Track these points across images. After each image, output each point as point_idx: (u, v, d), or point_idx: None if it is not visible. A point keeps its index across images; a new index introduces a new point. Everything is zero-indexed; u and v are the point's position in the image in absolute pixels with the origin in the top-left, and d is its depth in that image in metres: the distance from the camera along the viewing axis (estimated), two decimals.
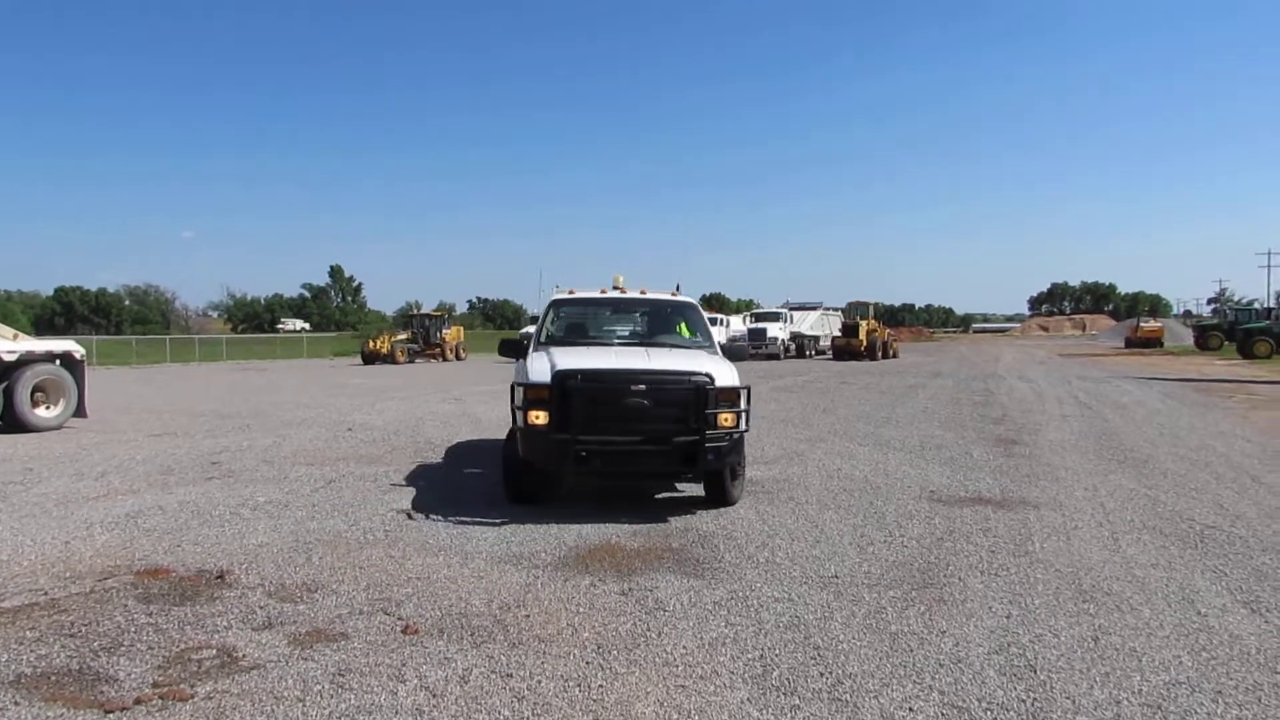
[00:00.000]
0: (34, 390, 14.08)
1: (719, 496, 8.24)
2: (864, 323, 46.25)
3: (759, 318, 49.04)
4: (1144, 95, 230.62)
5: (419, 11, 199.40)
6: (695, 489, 8.54)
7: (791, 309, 50.73)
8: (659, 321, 10.34)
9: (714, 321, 42.04)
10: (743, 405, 7.96)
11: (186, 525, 7.34)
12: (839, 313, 57.59)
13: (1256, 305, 70.24)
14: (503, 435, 9.05)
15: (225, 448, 12.16)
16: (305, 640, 4.70)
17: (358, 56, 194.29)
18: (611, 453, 7.71)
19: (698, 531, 7.13)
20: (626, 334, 10.21)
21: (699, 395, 7.68)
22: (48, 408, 14.36)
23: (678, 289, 10.81)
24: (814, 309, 52.94)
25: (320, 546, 6.68)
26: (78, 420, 14.83)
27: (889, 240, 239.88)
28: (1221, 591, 5.53)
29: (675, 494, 8.72)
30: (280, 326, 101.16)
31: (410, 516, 7.71)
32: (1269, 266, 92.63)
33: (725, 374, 8.07)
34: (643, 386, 7.67)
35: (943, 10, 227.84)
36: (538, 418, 7.69)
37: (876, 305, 52.57)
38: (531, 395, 7.77)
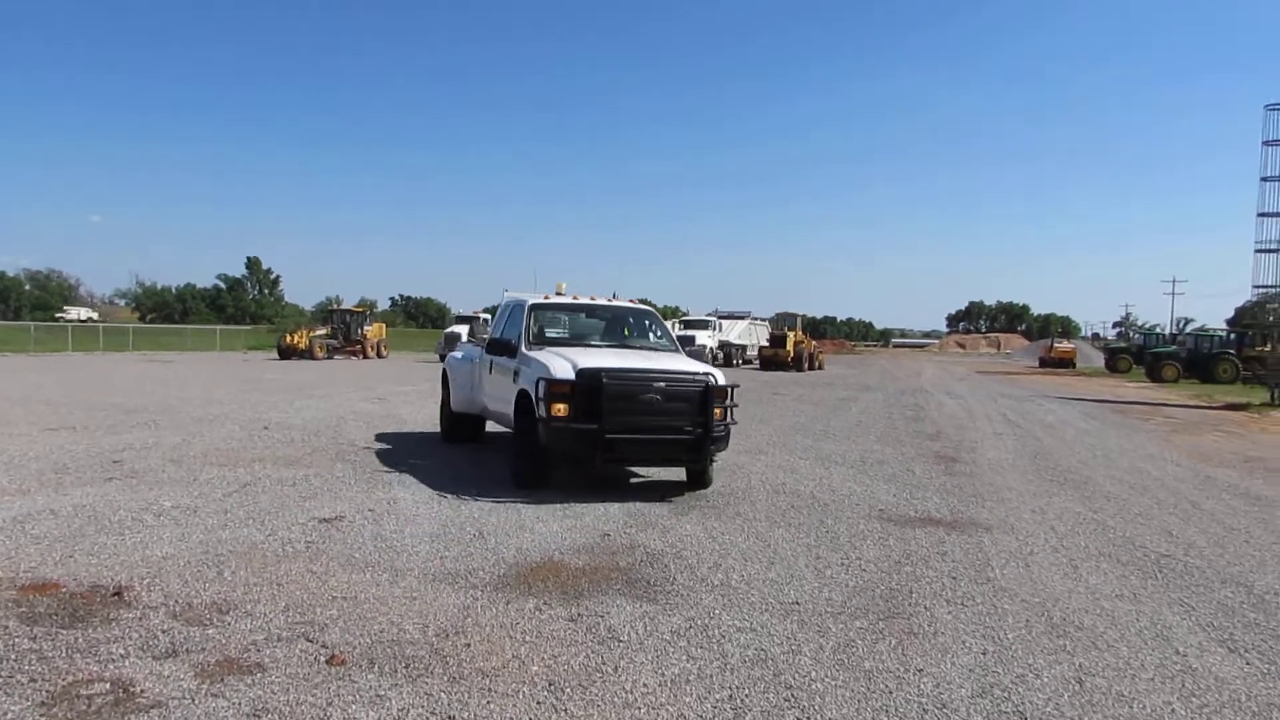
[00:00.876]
0: None
1: (700, 480, 9.34)
2: (791, 334, 46.51)
3: (688, 325, 48.88)
4: (1061, 124, 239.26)
5: (357, 2, 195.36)
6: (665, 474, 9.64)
7: (720, 317, 50.68)
8: (628, 326, 11.40)
9: (704, 325, 41.98)
10: (731, 402, 9.17)
11: (81, 532, 6.63)
12: (766, 323, 58.00)
13: (1158, 330, 72.96)
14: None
15: (129, 445, 11.30)
16: (215, 672, 4.14)
17: (285, 39, 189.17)
18: (633, 441, 8.68)
19: (645, 550, 6.72)
20: (601, 337, 11.04)
21: (706, 393, 8.82)
22: None
23: (614, 296, 11.99)
24: (742, 318, 53.06)
25: (233, 559, 6.07)
26: None
27: (809, 255, 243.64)
28: (1194, 628, 5.34)
29: (643, 479, 8.34)
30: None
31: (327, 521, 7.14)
32: (1173, 294, 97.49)
33: (718, 375, 9.32)
34: (662, 384, 8.77)
35: (873, 30, 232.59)
36: (560, 410, 8.54)
37: (803, 317, 52.98)
38: (555, 390, 8.60)
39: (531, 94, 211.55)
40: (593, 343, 10.69)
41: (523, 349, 9.90)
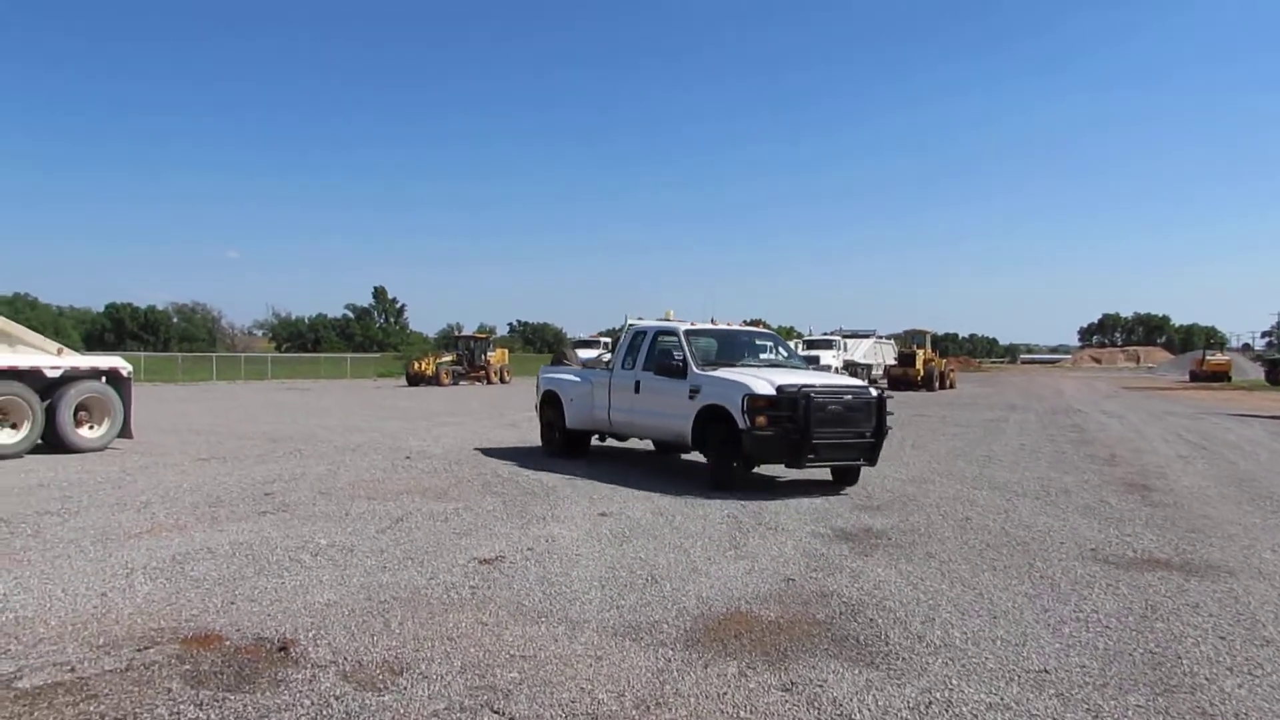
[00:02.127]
0: (78, 409, 13.27)
1: (850, 479, 10.87)
2: (920, 352, 44.83)
3: (811, 345, 47.51)
4: (1195, 124, 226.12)
5: (464, 37, 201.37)
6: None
7: (844, 336, 49.20)
8: (762, 347, 12.81)
9: (828, 345, 41.04)
10: (889, 411, 10.78)
11: (240, 574, 6.31)
12: (891, 341, 56.13)
13: None
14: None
15: (277, 476, 11.19)
16: None
17: (402, 82, 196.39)
18: (829, 445, 10.15)
19: (841, 599, 5.96)
20: (745, 357, 12.14)
21: (881, 403, 10.64)
22: (91, 427, 13.54)
23: (713, 320, 13.44)
24: (867, 337, 51.40)
25: (398, 607, 5.60)
26: (122, 441, 14.00)
27: (928, 269, 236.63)
28: None
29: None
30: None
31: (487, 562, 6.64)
32: None
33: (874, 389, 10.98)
34: (848, 397, 10.44)
35: (979, 39, 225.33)
36: (761, 421, 9.99)
37: (932, 334, 50.98)
38: (758, 404, 10.01)
39: (627, 119, 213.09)
40: (747, 363, 11.84)
41: (694, 369, 11.22)
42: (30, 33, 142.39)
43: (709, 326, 12.76)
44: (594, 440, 14.03)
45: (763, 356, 12.45)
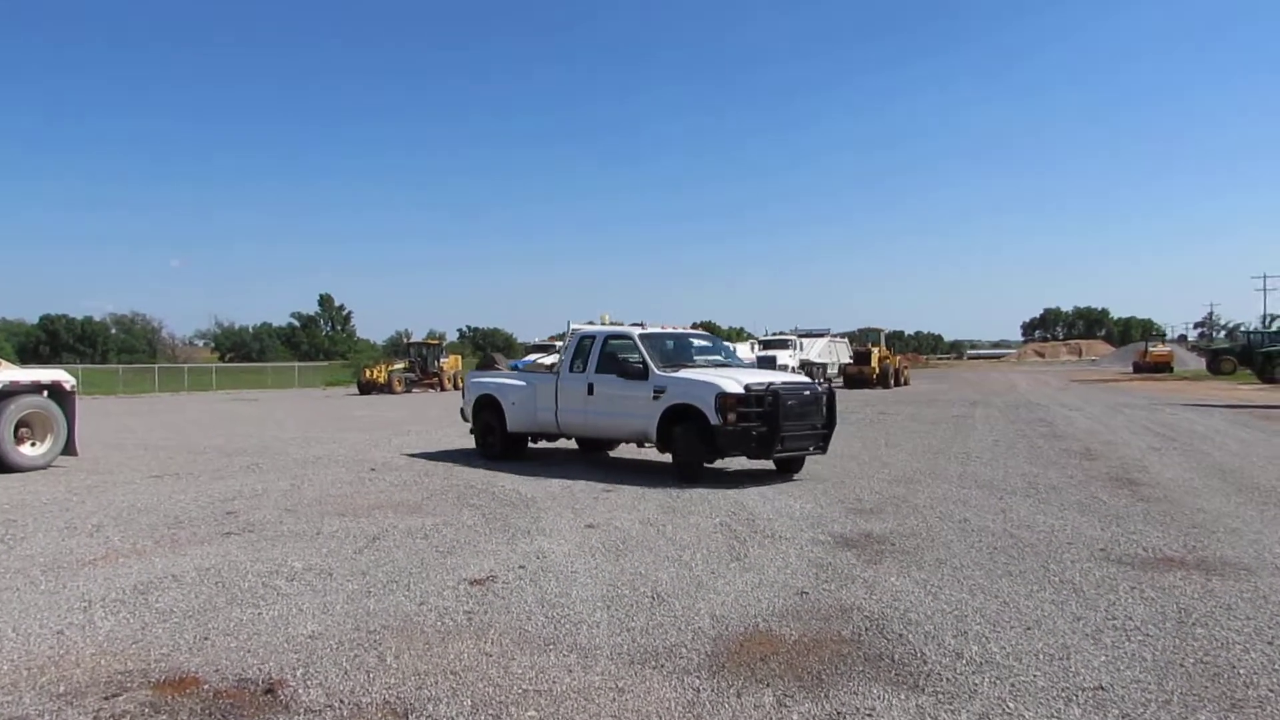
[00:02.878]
0: (18, 425, 12.48)
1: (795, 467, 11.91)
2: (875, 349, 45.08)
3: (767, 345, 47.54)
4: (1128, 121, 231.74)
5: (416, 40, 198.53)
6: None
7: (800, 336, 49.32)
8: (709, 349, 13.70)
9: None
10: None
11: (211, 604, 5.78)
12: (844, 340, 56.43)
13: (1251, 329, 69.01)
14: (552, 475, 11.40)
15: (237, 492, 10.58)
16: None
17: (349, 85, 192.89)
18: (794, 436, 11.16)
19: (862, 613, 5.62)
20: (693, 358, 12.88)
21: (831, 397, 11.90)
22: (34, 444, 12.76)
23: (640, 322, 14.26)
24: (821, 336, 51.63)
25: (390, 638, 5.13)
26: (66, 459, 13.23)
27: (870, 269, 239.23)
28: None
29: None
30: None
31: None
32: (1265, 289, 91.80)
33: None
34: (806, 393, 11.53)
35: (918, 42, 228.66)
36: (732, 418, 10.74)
37: (885, 332, 51.32)
38: (730, 402, 10.76)
39: (577, 122, 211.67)
40: (696, 364, 12.62)
41: (656, 371, 11.83)
42: None
43: (659, 330, 13.39)
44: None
45: (706, 358, 13.14)
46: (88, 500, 10.08)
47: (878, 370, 43.38)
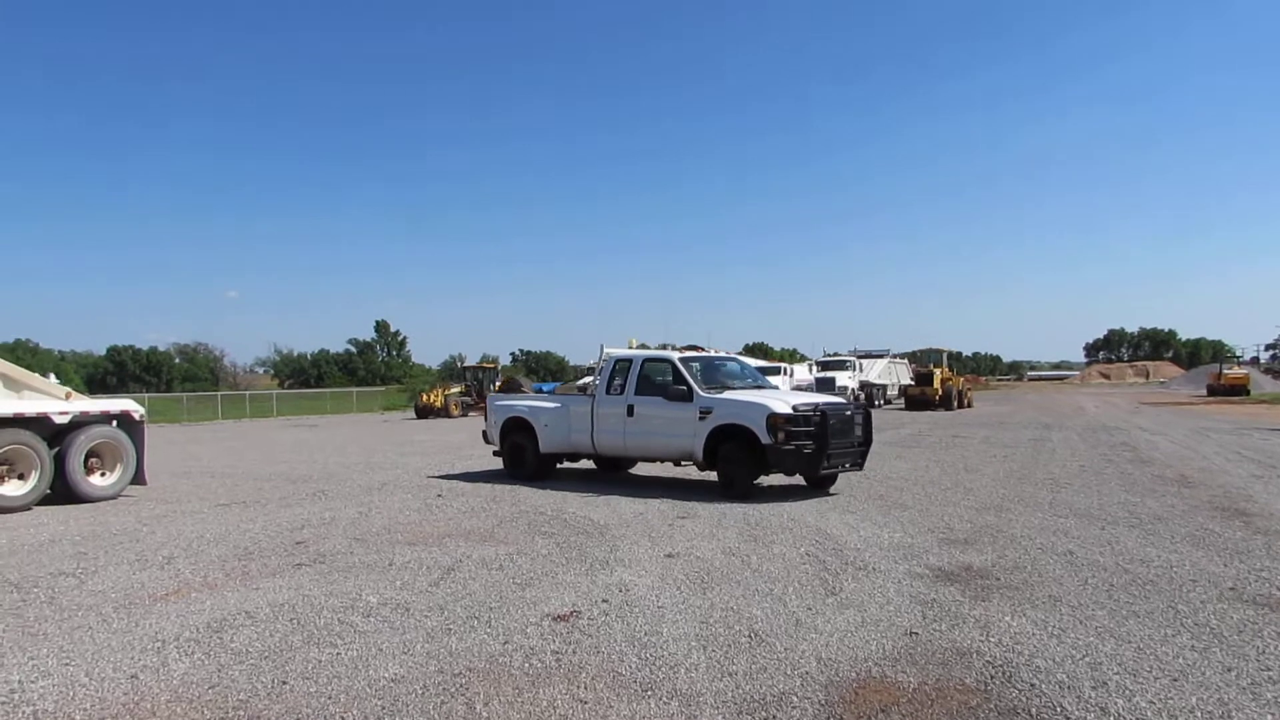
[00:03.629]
0: (88, 455, 12.50)
1: (828, 483, 12.53)
2: (938, 371, 44.03)
3: (826, 366, 46.94)
4: (1198, 138, 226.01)
5: (463, 73, 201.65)
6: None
7: (859, 357, 48.49)
8: (739, 372, 14.24)
9: (776, 371, 40.20)
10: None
11: (287, 644, 5.51)
12: (904, 361, 55.46)
13: None
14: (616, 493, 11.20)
15: (306, 521, 10.40)
16: None
17: (394, 115, 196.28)
18: (837, 454, 11.82)
19: (982, 657, 5.16)
20: (727, 380, 13.41)
21: (868, 416, 12.75)
22: (103, 474, 12.78)
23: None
24: (881, 356, 50.79)
25: (477, 681, 4.81)
26: (135, 488, 13.23)
27: (928, 288, 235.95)
28: None
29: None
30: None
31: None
32: None
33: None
34: (847, 413, 12.25)
35: (984, 54, 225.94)
36: (782, 437, 11.34)
37: (949, 353, 50.21)
38: (780, 422, 11.37)
39: (629, 147, 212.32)
40: (734, 384, 13.20)
41: (700, 393, 12.36)
42: (19, 79, 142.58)
43: (694, 354, 14.36)
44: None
45: (740, 381, 13.60)
46: (158, 530, 9.97)
47: (940, 392, 42.29)
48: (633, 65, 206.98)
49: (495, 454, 15.03)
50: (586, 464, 15.35)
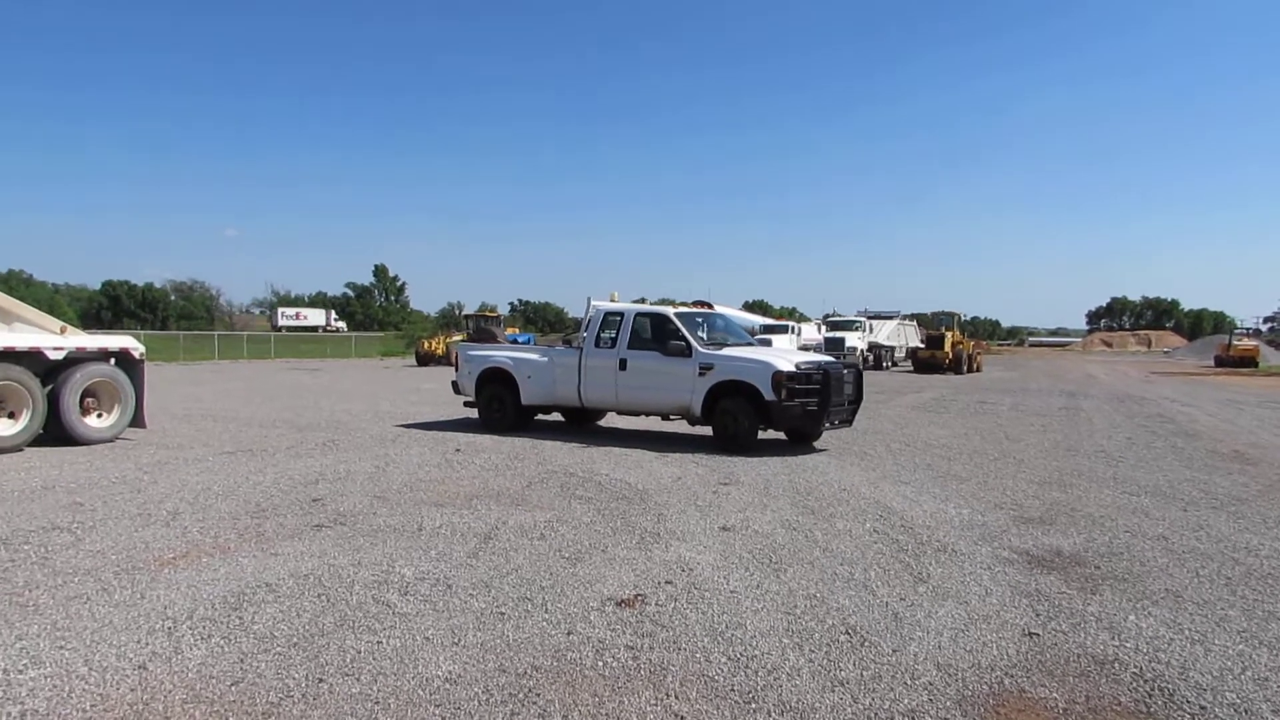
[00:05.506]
0: (84, 395, 11.70)
1: (813, 439, 12.77)
2: (949, 334, 43.13)
3: (835, 326, 46.13)
4: (1201, 110, 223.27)
5: (467, 18, 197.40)
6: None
7: (869, 318, 47.61)
8: (736, 329, 14.70)
9: (784, 330, 39.41)
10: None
11: (318, 627, 4.77)
12: (914, 323, 54.67)
13: None
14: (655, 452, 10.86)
15: (320, 474, 9.66)
16: None
17: (404, 59, 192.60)
18: (836, 410, 12.14)
19: (1126, 668, 4.44)
20: (721, 336, 13.32)
21: (859, 374, 13.14)
22: (100, 416, 11.99)
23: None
24: (890, 318, 49.89)
25: (547, 684, 4.08)
26: (134, 431, 12.46)
27: (927, 251, 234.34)
28: None
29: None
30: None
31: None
32: None
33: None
34: (843, 370, 12.53)
35: (992, 21, 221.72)
36: (785, 394, 11.51)
37: (960, 316, 49.36)
38: (783, 380, 11.54)
39: (630, 105, 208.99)
40: (730, 342, 13.21)
41: (700, 349, 12.39)
42: (21, 10, 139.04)
43: (691, 310, 14.39)
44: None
45: (734, 337, 13.71)
46: (160, 480, 9.22)
47: (950, 355, 41.50)
48: (637, 15, 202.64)
49: (466, 404, 14.65)
50: (555, 416, 15.14)
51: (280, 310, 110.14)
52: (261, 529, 7.05)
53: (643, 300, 14.90)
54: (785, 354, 13.17)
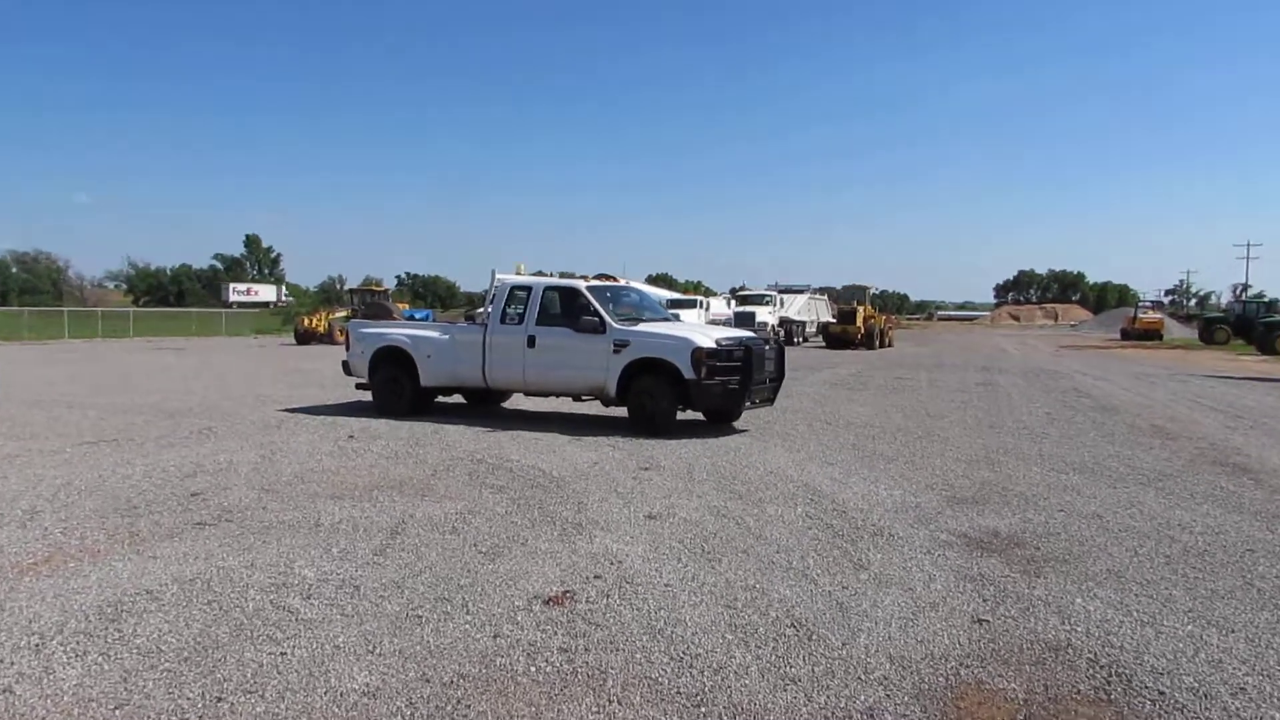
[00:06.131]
0: None
1: (732, 418, 12.82)
2: (861, 309, 44.19)
3: (744, 300, 46.72)
4: (1111, 89, 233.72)
5: None
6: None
7: (780, 292, 48.34)
8: (649, 303, 14.61)
9: (692, 304, 39.71)
10: None
11: (211, 639, 4.48)
12: (824, 297, 55.77)
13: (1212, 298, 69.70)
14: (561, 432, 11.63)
15: (197, 466, 9.19)
16: None
17: (270, 7, 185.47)
18: (758, 389, 12.16)
19: (1079, 653, 4.53)
20: (633, 311, 13.16)
21: (782, 349, 13.25)
22: None
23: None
24: (801, 292, 50.86)
25: (477, 694, 3.92)
26: None
27: (825, 222, 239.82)
28: None
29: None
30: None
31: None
32: (1248, 258, 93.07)
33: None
34: (766, 347, 12.69)
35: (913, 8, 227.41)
36: (705, 372, 11.46)
37: (871, 289, 50.55)
38: (704, 357, 11.48)
39: (512, 62, 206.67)
40: (645, 317, 13.09)
41: (614, 325, 12.24)
42: None
43: (604, 284, 14.39)
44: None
45: (650, 313, 13.63)
46: (11, 476, 8.62)
47: (862, 331, 42.51)
48: None
49: (359, 387, 14.29)
50: (457, 398, 14.88)
51: (231, 286, 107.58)
52: (135, 529, 6.64)
53: (540, 274, 14.60)
54: (704, 330, 13.23)
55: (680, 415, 12.24)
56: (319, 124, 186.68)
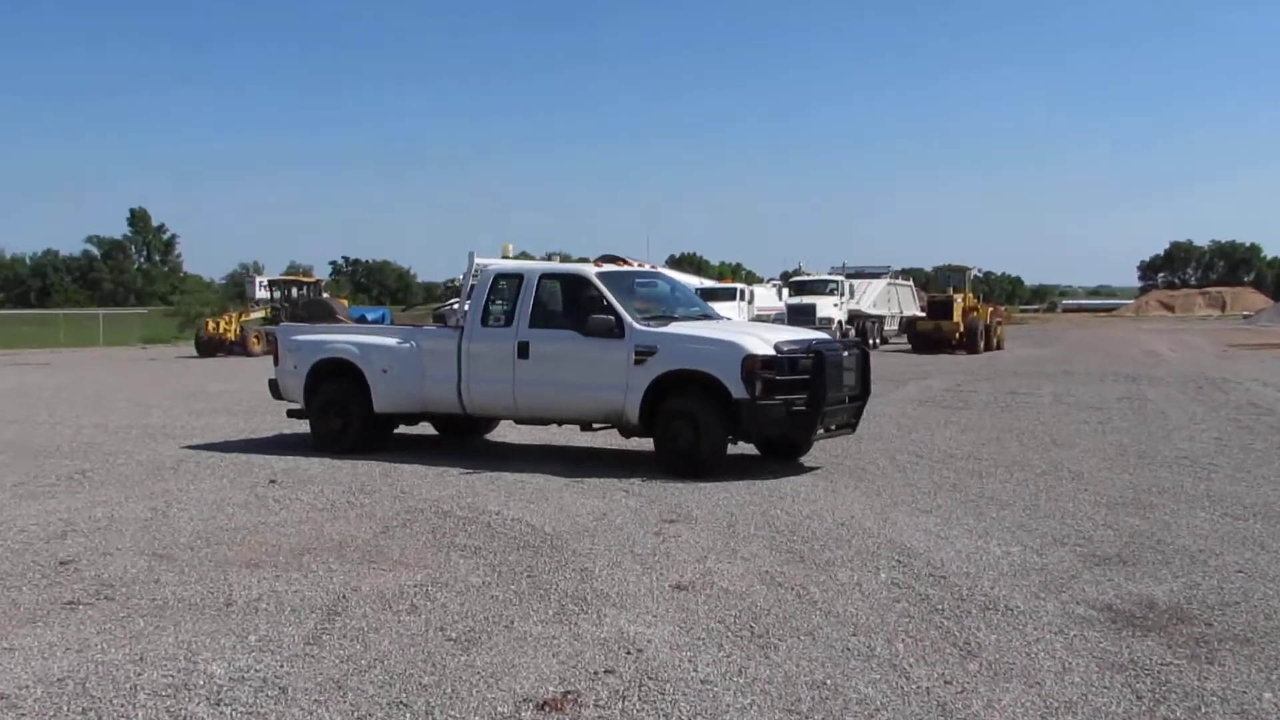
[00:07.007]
0: None
1: (801, 452, 12.69)
2: (958, 297, 43.55)
3: (801, 288, 46.44)
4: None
5: None
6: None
7: (848, 277, 48.00)
8: (683, 296, 14.67)
9: (730, 295, 39.80)
10: None
11: None
12: (910, 283, 55.67)
13: None
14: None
15: (68, 523, 9.31)
16: None
17: None
18: (834, 412, 11.88)
19: None
20: (662, 306, 13.35)
21: (866, 357, 13.02)
22: None
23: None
24: (878, 276, 50.71)
25: None
26: None
27: (911, 190, 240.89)
28: None
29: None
30: None
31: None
32: None
33: None
34: (845, 353, 12.39)
35: None
36: (760, 389, 11.12)
37: (973, 273, 50.33)
38: (756, 367, 11.14)
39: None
40: (678, 314, 13.11)
41: (637, 326, 11.97)
42: None
43: (619, 270, 14.82)
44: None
45: (684, 309, 13.63)
46: None
47: (962, 327, 41.82)
48: None
49: (291, 414, 14.49)
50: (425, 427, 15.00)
51: (258, 280, 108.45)
52: None
53: (524, 257, 14.54)
54: (758, 330, 13.15)
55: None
56: (228, 87, 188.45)
